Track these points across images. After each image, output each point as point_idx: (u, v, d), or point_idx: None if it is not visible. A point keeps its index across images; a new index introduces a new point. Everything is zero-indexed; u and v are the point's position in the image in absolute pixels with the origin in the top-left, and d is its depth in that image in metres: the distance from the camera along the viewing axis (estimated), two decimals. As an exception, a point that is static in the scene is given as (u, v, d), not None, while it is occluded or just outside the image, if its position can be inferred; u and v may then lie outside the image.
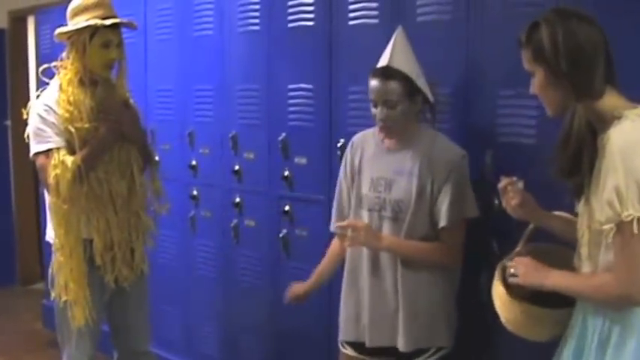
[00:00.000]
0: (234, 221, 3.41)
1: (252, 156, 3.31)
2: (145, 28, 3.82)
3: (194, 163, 3.60)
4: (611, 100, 1.72)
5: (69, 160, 2.55)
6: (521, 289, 1.92)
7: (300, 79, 3.05)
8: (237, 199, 3.38)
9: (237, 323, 3.50)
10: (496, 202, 2.34)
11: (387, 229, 2.36)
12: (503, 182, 1.99)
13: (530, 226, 2.05)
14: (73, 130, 2.58)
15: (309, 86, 3.01)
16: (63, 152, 2.57)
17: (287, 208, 3.15)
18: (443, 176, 2.31)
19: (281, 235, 3.18)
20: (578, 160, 1.77)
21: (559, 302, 1.88)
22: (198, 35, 3.54)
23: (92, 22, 2.58)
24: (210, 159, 3.53)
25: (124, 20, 2.68)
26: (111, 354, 2.99)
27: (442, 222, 2.32)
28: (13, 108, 5.73)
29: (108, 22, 2.59)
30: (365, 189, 2.42)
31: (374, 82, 2.31)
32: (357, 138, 2.53)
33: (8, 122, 5.86)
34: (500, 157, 2.40)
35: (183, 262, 3.77)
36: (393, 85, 2.28)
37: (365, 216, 2.42)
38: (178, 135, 3.68)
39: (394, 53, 2.31)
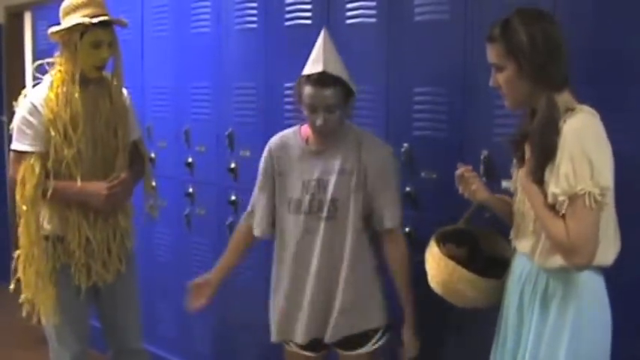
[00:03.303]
0: (230, 219, 3.40)
1: (248, 154, 3.30)
2: (142, 25, 3.82)
3: (190, 160, 3.60)
4: (566, 95, 1.90)
5: (37, 167, 2.58)
6: (455, 253, 2.21)
7: (296, 77, 3.02)
8: (233, 197, 3.37)
9: (233, 321, 3.50)
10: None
11: (322, 229, 2.39)
12: (461, 170, 2.17)
13: (474, 205, 2.23)
14: (53, 133, 2.59)
15: (306, 85, 3.00)
16: (35, 157, 2.60)
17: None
18: (378, 174, 2.38)
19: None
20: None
21: (488, 272, 2.12)
22: (195, 32, 3.53)
23: (81, 20, 2.56)
24: (206, 157, 3.53)
25: (114, 18, 2.64)
26: (106, 352, 2.99)
27: (389, 223, 2.40)
28: (8, 104, 5.69)
29: (96, 20, 2.56)
30: (296, 193, 2.43)
31: (313, 89, 2.31)
32: (275, 143, 2.53)
33: (4, 118, 5.84)
34: (496, 158, 2.40)
35: (178, 260, 3.76)
36: (332, 91, 2.30)
37: (291, 220, 2.44)
38: (175, 132, 3.67)
39: (326, 58, 2.32)
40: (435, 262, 2.17)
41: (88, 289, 2.75)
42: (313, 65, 2.34)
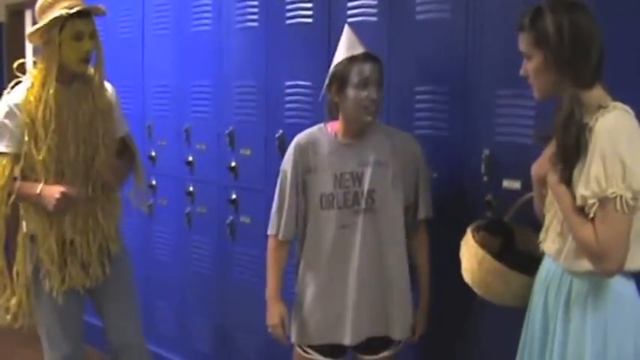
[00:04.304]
0: (230, 218, 3.40)
1: (248, 152, 3.30)
2: (143, 23, 3.81)
3: (190, 159, 3.59)
4: (598, 91, 1.81)
5: (8, 169, 2.56)
6: (487, 242, 2.11)
7: (297, 76, 3.04)
8: (234, 196, 3.37)
9: (232, 320, 3.49)
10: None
11: (361, 223, 2.36)
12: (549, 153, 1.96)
13: (526, 196, 2.14)
14: (27, 138, 2.56)
15: (307, 83, 3.00)
16: (7, 159, 2.57)
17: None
18: (414, 165, 2.40)
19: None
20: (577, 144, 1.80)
21: (521, 269, 2.04)
22: (196, 31, 3.53)
23: (58, 13, 2.51)
24: (206, 155, 3.52)
25: (92, 7, 2.58)
26: (106, 350, 2.98)
27: (428, 213, 2.44)
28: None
29: (72, 10, 2.51)
30: (327, 188, 2.39)
31: (363, 65, 2.31)
32: (301, 140, 2.45)
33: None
34: (497, 157, 2.40)
35: (178, 259, 3.76)
36: (379, 68, 2.34)
37: (323, 217, 2.38)
38: (175, 131, 3.67)
39: (361, 42, 2.37)
40: (467, 251, 2.12)
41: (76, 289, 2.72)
42: (352, 50, 2.36)
